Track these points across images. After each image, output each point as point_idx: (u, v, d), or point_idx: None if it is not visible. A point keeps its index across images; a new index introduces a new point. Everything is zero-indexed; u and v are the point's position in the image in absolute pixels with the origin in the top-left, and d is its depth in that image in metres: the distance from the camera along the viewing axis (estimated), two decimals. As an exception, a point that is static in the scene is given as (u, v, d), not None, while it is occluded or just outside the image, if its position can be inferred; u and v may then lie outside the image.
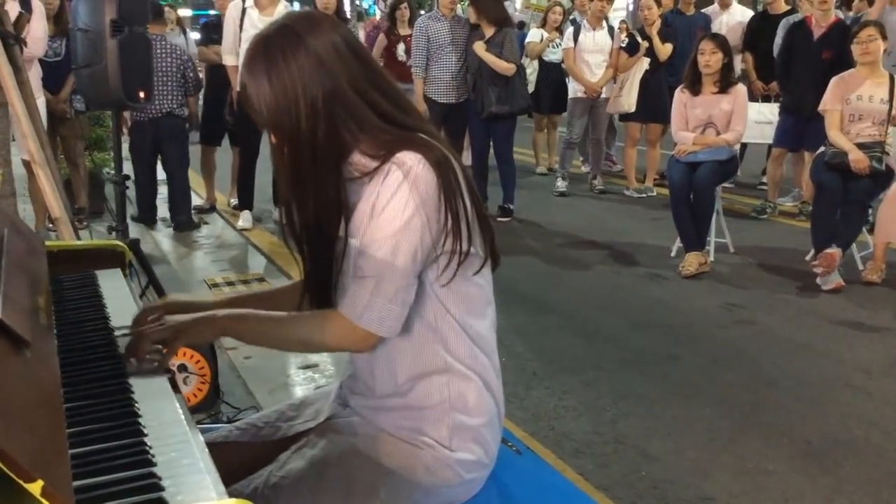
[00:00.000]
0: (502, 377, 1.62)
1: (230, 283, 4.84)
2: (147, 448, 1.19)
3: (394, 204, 1.39)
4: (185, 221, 6.21)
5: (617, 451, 2.96)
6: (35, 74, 4.98)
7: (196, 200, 6.86)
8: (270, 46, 1.42)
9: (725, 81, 5.28)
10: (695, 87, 5.34)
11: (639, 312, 4.45)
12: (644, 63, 7.13)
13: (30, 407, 1.04)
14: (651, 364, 3.74)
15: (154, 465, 1.15)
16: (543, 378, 3.57)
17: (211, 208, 6.74)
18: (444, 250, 1.44)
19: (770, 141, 6.71)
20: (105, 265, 2.14)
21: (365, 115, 1.44)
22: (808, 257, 5.40)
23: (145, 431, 1.25)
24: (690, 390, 3.46)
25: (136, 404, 1.33)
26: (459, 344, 1.51)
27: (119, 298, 1.89)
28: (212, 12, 10.26)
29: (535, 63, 8.26)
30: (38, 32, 4.84)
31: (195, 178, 7.03)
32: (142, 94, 3.65)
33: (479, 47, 6.14)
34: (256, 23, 5.87)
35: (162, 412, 1.33)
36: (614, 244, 5.89)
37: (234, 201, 6.66)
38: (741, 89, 5.33)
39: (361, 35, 10.12)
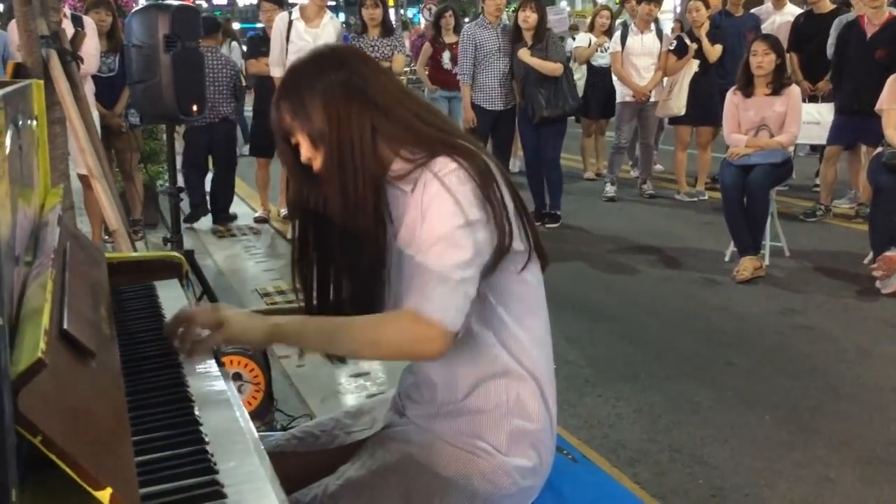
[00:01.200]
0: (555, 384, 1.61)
1: (281, 293, 4.88)
2: (209, 456, 1.20)
3: (440, 205, 1.40)
4: (224, 215, 6.73)
5: (673, 458, 2.92)
6: (88, 90, 5.09)
7: (249, 212, 6.97)
8: (302, 70, 1.51)
9: (778, 83, 5.19)
10: (747, 89, 5.26)
11: (693, 318, 4.39)
12: (693, 65, 7.05)
13: (97, 416, 1.06)
14: (706, 370, 3.68)
15: (216, 472, 1.17)
16: (596, 385, 3.54)
17: (266, 219, 6.82)
18: (491, 243, 1.44)
19: (818, 142, 6.57)
20: (163, 276, 2.18)
21: (406, 120, 1.48)
22: (866, 260, 5.28)
23: (206, 439, 1.26)
24: (747, 397, 3.40)
25: (197, 412, 1.34)
26: (515, 345, 1.51)
27: (177, 309, 1.92)
28: (258, 25, 10.38)
29: (584, 68, 8.22)
30: (90, 49, 4.95)
31: (248, 191, 7.13)
32: (194, 108, 3.70)
33: (525, 54, 6.12)
34: (303, 34, 5.96)
35: (222, 421, 1.34)
36: (665, 249, 5.82)
37: (284, 211, 6.73)
38: (795, 90, 5.24)
39: (407, 44, 10.15)
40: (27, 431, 0.87)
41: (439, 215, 1.40)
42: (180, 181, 4.32)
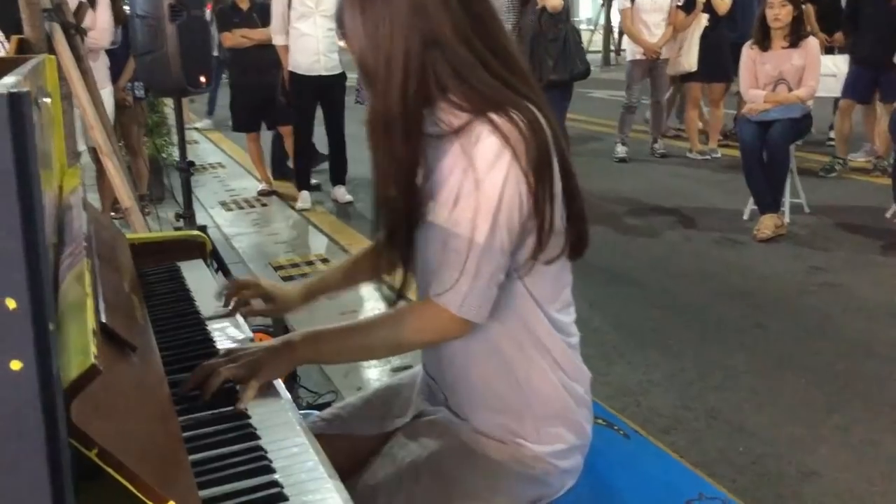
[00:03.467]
0: (581, 353, 1.50)
1: (294, 265, 4.80)
2: (264, 453, 1.13)
3: (493, 177, 1.25)
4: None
5: (710, 426, 2.85)
6: (103, 64, 4.98)
7: (256, 184, 6.88)
8: None
9: (796, 35, 5.06)
10: (764, 43, 5.13)
11: (716, 279, 4.31)
12: (703, 20, 6.90)
13: (147, 418, 0.98)
14: (736, 333, 3.61)
15: (274, 471, 1.09)
16: (625, 352, 3.47)
17: (269, 191, 6.71)
18: (528, 227, 1.31)
19: (835, 94, 6.44)
20: (185, 256, 2.10)
21: (468, 63, 1.29)
22: (888, 214, 5.21)
23: (258, 434, 1.19)
24: (781, 360, 3.32)
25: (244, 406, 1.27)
26: (541, 330, 1.40)
27: (205, 291, 1.83)
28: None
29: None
30: (104, 23, 4.83)
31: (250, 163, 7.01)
32: (202, 79, 3.59)
33: None
34: (306, 1, 5.80)
35: (270, 413, 1.27)
36: (682, 209, 5.72)
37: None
38: (813, 42, 5.10)
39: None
40: (82, 444, 0.79)
41: (491, 186, 1.25)
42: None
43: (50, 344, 0.72)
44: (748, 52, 5.25)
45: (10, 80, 0.87)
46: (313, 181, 6.59)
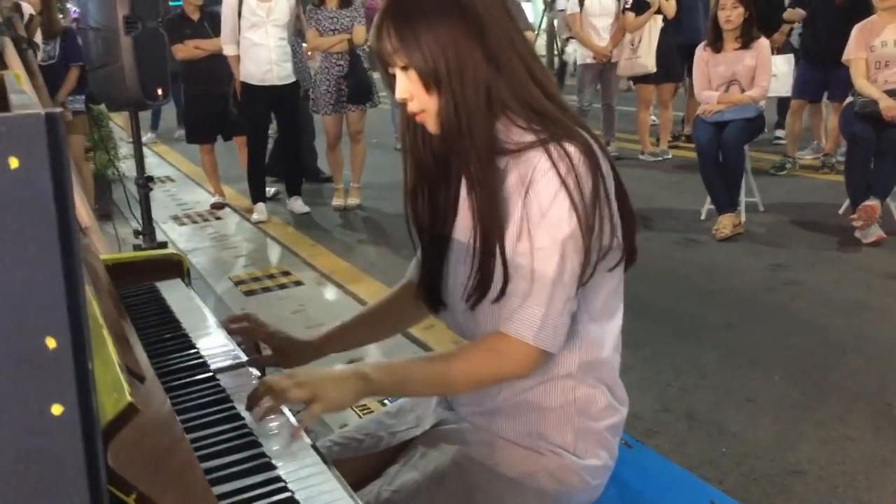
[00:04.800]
0: None
1: (255, 279, 4.71)
2: (285, 485, 1.07)
3: (559, 206, 1.24)
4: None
5: (691, 427, 2.85)
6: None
7: (209, 197, 6.74)
8: None
9: (748, 36, 5.12)
10: (716, 45, 5.19)
11: (681, 280, 4.34)
12: (658, 21, 6.96)
13: (174, 457, 0.92)
14: (707, 333, 3.63)
15: (298, 502, 1.04)
16: (599, 356, 3.45)
17: (223, 204, 6.58)
18: (590, 251, 1.29)
19: (778, 94, 6.56)
20: (163, 276, 2.02)
21: (525, 84, 1.28)
22: (841, 210, 5.31)
23: (275, 464, 1.13)
24: (753, 358, 3.35)
25: (254, 433, 1.21)
26: (593, 345, 1.39)
27: (190, 312, 1.77)
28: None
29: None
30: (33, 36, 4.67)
31: (203, 175, 6.88)
32: (160, 92, 3.50)
33: None
34: (256, 10, 5.71)
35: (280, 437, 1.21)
36: (640, 211, 5.70)
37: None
38: (764, 43, 5.18)
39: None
40: (119, 490, 0.74)
41: (558, 215, 1.24)
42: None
43: (91, 385, 0.66)
44: (701, 53, 5.31)
45: (21, 98, 0.81)
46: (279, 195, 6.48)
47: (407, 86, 1.29)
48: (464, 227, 1.36)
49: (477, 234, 1.31)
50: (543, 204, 1.24)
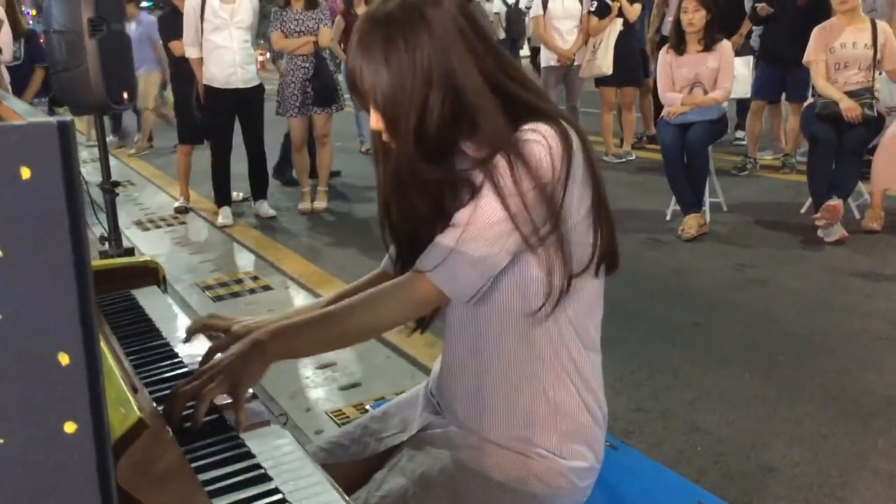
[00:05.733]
0: None
1: (223, 284, 4.65)
2: (283, 496, 1.05)
3: (509, 171, 1.26)
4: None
5: (666, 427, 2.87)
6: (4, 80, 4.75)
7: (171, 201, 6.65)
8: (392, 25, 1.26)
9: (710, 39, 5.19)
10: (679, 47, 5.25)
11: (649, 280, 4.37)
12: (618, 24, 7.03)
13: (175, 472, 0.90)
14: (677, 333, 3.66)
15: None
16: (572, 357, 3.47)
17: (187, 208, 6.50)
18: (548, 236, 1.29)
19: (739, 96, 6.66)
20: (137, 284, 1.98)
21: (487, 104, 1.28)
22: (803, 210, 5.39)
23: (271, 475, 1.11)
24: (724, 356, 3.39)
25: (246, 443, 1.19)
26: (574, 347, 1.39)
27: (169, 320, 1.74)
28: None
29: None
30: (4, 37, 4.58)
31: (168, 179, 6.80)
32: (125, 95, 3.45)
33: None
34: (219, 12, 5.65)
35: (274, 448, 1.19)
36: (606, 212, 5.79)
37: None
38: (726, 45, 5.25)
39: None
40: (128, 507, 0.72)
41: (500, 188, 1.26)
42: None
43: (103, 402, 0.64)
44: (664, 56, 5.37)
45: (22, 106, 0.79)
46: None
47: (375, 118, 1.32)
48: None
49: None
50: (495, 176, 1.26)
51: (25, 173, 0.58)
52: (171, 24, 6.02)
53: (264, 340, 1.30)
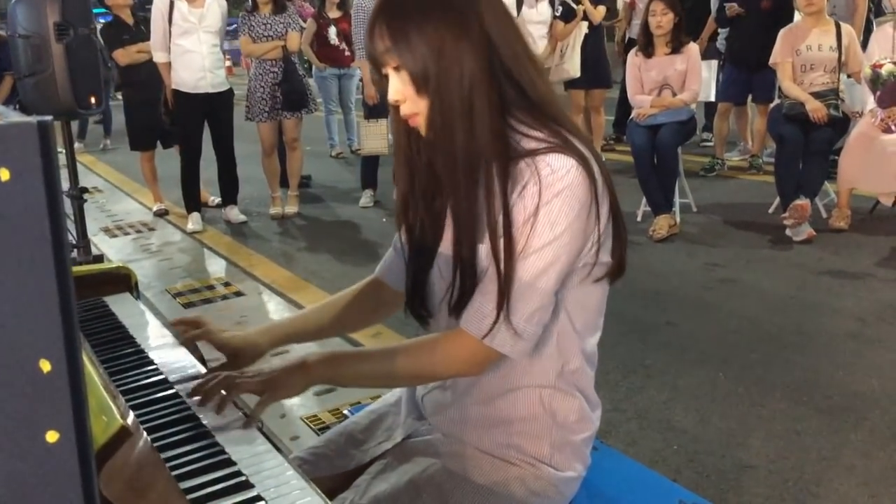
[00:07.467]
0: None
1: (194, 290, 4.60)
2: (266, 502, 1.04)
3: (547, 213, 1.20)
4: None
5: (642, 427, 2.88)
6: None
7: (139, 208, 6.58)
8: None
9: (678, 41, 5.25)
10: (648, 50, 5.30)
11: (622, 281, 4.36)
12: (583, 28, 7.06)
13: (154, 479, 0.88)
14: (649, 333, 3.68)
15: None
16: (547, 359, 3.47)
17: (166, 211, 6.44)
18: (579, 261, 1.28)
19: (703, 99, 6.72)
20: (109, 290, 1.95)
21: (520, 87, 1.24)
22: (771, 210, 5.45)
23: (252, 482, 1.09)
24: (697, 356, 3.41)
25: (227, 451, 1.17)
26: (572, 356, 1.37)
27: (143, 327, 1.71)
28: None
29: None
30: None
31: (135, 185, 6.72)
32: (93, 100, 3.40)
33: None
34: (188, 16, 5.61)
35: (254, 455, 1.18)
36: (578, 214, 5.81)
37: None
38: (694, 48, 5.31)
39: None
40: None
41: (543, 223, 1.20)
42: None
43: (86, 411, 0.63)
44: (633, 59, 5.41)
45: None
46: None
47: (399, 87, 1.26)
48: (450, 236, 1.33)
49: (459, 242, 1.28)
50: (530, 209, 1.21)
51: (4, 175, 0.57)
52: (114, 34, 5.96)
53: (312, 363, 1.32)
